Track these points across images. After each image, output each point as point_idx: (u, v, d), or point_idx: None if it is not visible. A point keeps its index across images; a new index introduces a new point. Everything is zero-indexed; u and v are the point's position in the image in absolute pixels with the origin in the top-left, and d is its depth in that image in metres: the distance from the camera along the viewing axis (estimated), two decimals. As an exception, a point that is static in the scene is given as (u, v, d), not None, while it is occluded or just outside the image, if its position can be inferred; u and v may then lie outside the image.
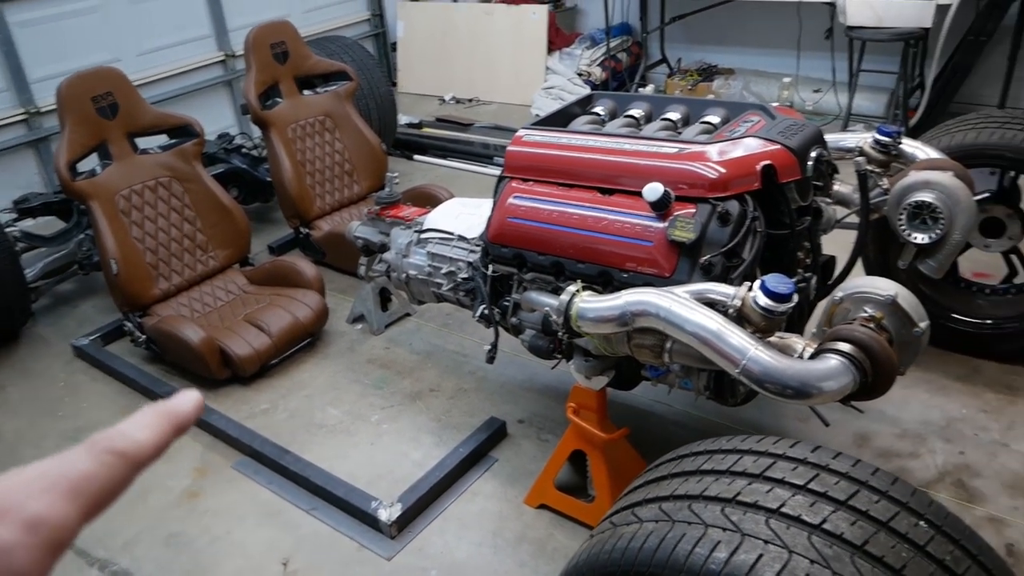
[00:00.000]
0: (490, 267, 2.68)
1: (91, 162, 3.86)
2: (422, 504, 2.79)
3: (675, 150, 2.29)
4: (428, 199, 4.31)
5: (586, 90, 6.87)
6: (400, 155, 6.12)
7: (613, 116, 2.90)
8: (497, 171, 5.61)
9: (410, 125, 6.57)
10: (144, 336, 3.70)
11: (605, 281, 2.33)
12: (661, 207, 2.19)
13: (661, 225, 2.20)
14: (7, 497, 0.42)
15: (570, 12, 7.88)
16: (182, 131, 4.08)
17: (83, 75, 3.73)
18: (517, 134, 2.64)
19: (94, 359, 3.87)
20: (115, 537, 2.85)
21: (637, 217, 2.26)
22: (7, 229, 3.98)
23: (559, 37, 7.43)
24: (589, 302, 2.15)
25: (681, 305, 1.93)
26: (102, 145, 3.80)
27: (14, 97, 5.45)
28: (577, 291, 2.21)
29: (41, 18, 5.50)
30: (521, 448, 3.07)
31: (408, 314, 3.98)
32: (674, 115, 2.73)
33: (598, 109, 2.93)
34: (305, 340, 3.75)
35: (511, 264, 2.59)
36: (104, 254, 3.65)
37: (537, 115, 6.86)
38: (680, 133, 2.62)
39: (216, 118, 6.57)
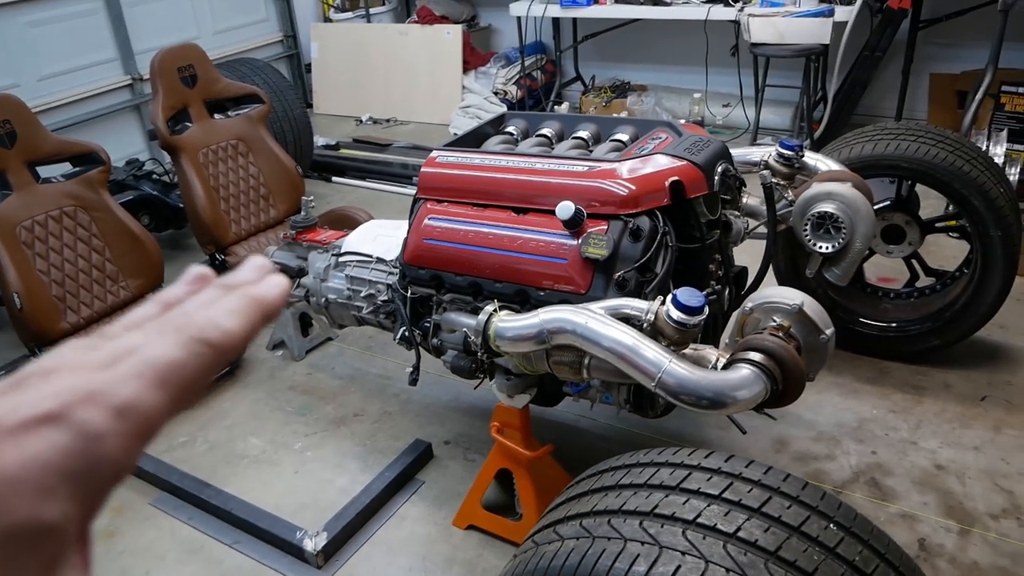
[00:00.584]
0: (408, 289, 2.67)
1: (-11, 193, 3.70)
2: (349, 531, 2.75)
3: (586, 168, 2.33)
4: (346, 222, 4.27)
5: (502, 108, 6.94)
6: (318, 177, 6.05)
7: (526, 136, 2.94)
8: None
9: (327, 147, 6.51)
10: (51, 372, 3.55)
11: (522, 300, 2.35)
12: (574, 225, 2.22)
13: (575, 243, 2.23)
14: (95, 379, 0.40)
15: (484, 31, 7.97)
16: (86, 159, 3.94)
17: (-22, 102, 3.58)
18: (430, 155, 2.65)
19: (-2, 398, 3.69)
20: (24, 585, 2.72)
21: (551, 235, 2.29)
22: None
23: (474, 56, 7.49)
24: (506, 321, 2.17)
25: (597, 321, 1.96)
26: (1, 175, 3.64)
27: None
28: (494, 311, 2.22)
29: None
30: (448, 469, 3.06)
31: (330, 338, 3.93)
32: (585, 133, 2.78)
33: (511, 129, 2.96)
34: (224, 369, 3.66)
35: (429, 285, 2.59)
36: (6, 288, 3.50)
37: (455, 134, 6.87)
38: (591, 151, 2.67)
39: (125, 144, 6.39)
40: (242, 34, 7.44)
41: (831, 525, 1.31)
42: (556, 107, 6.87)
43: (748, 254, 2.78)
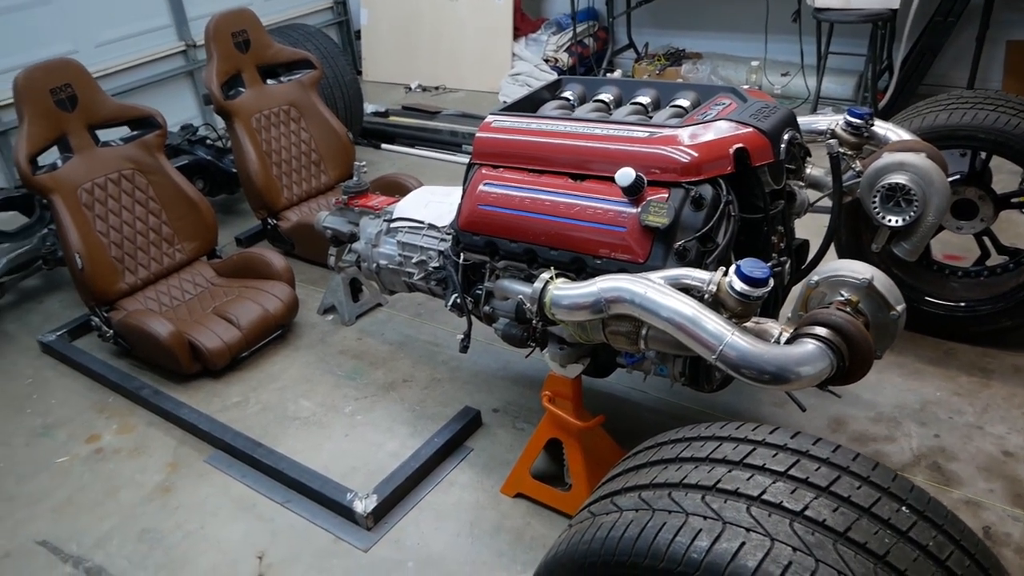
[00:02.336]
0: (461, 256, 2.65)
1: (52, 155, 3.76)
2: (398, 495, 2.77)
3: (646, 134, 2.27)
4: (396, 188, 4.26)
5: (553, 76, 6.84)
6: (367, 144, 6.04)
7: (582, 101, 2.88)
8: (466, 159, 5.60)
9: (376, 114, 6.50)
10: (111, 331, 3.63)
11: (578, 268, 2.32)
12: (634, 192, 2.17)
13: (634, 210, 2.18)
14: None
15: (537, -3, 7.84)
16: (144, 123, 3.99)
17: (40, 67, 3.63)
18: (485, 120, 2.61)
19: (61, 355, 3.79)
20: (88, 534, 2.80)
21: (609, 203, 2.24)
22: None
23: (525, 23, 7.38)
24: (563, 289, 2.14)
25: (656, 291, 1.92)
26: (62, 138, 3.70)
27: (-31, 89, 5.30)
28: (550, 278, 2.19)
29: (-3, 8, 5.35)
30: (496, 437, 3.05)
31: (379, 304, 3.93)
32: (644, 99, 2.71)
33: (567, 94, 2.90)
34: (276, 332, 3.69)
35: (483, 252, 2.57)
36: (68, 249, 3.57)
37: (505, 102, 6.80)
38: (651, 117, 2.61)
39: (179, 109, 6.44)
40: (294, 0, 7.44)
41: (903, 508, 1.26)
42: (608, 75, 6.74)
43: (806, 227, 2.70)
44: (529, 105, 2.80)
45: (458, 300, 2.74)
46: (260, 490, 2.90)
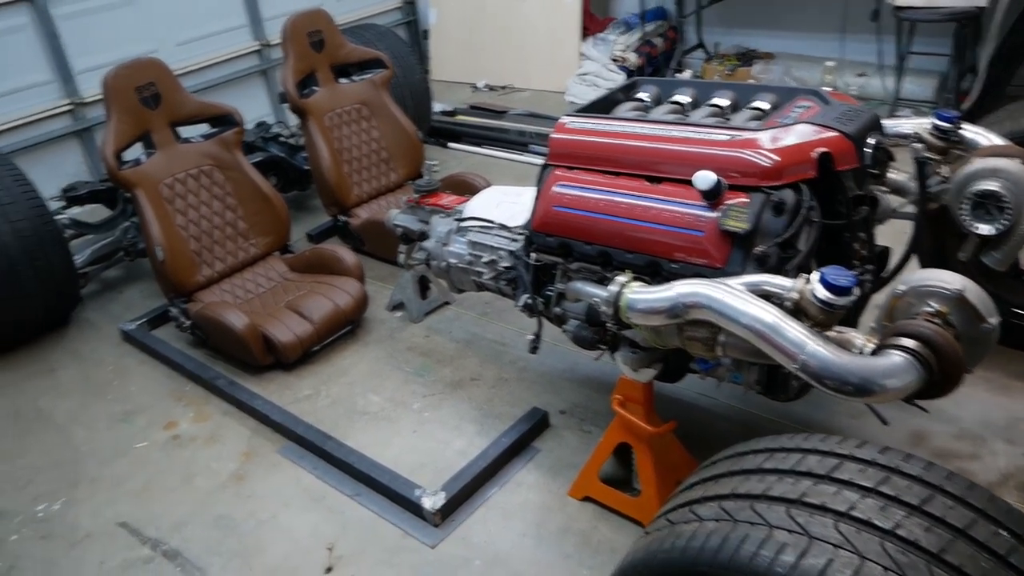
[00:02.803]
0: (533, 256, 2.66)
1: (136, 151, 3.89)
2: (465, 493, 2.79)
3: (726, 137, 2.24)
4: (465, 187, 4.29)
5: (621, 76, 6.79)
6: (434, 143, 6.10)
7: (658, 103, 2.85)
8: (533, 159, 5.62)
9: (444, 112, 6.54)
10: (189, 322, 3.74)
11: (654, 271, 2.30)
12: (713, 196, 2.15)
13: (712, 215, 2.15)
14: None
15: (605, -4, 7.79)
16: (223, 120, 4.10)
17: (127, 66, 3.76)
18: (560, 121, 2.60)
19: (141, 343, 3.92)
20: (165, 518, 2.90)
21: (687, 206, 2.22)
22: (56, 217, 4.01)
23: (593, 22, 7.34)
24: (639, 293, 2.12)
25: (736, 297, 1.89)
26: (146, 135, 3.83)
27: (60, 88, 5.52)
28: (626, 282, 2.18)
29: (84, 10, 5.55)
30: (564, 439, 3.05)
31: (447, 302, 3.97)
32: (722, 101, 2.68)
33: (642, 95, 2.88)
34: (346, 327, 3.76)
35: (556, 253, 2.57)
36: (150, 241, 3.69)
37: (572, 102, 6.81)
38: (729, 120, 2.57)
39: (252, 107, 6.59)
40: (364, 0, 7.54)
41: (1002, 531, 1.22)
42: (677, 75, 6.67)
43: (885, 234, 2.62)
44: (604, 106, 2.78)
45: (529, 301, 2.75)
46: (330, 482, 2.96)
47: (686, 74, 6.62)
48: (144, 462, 3.20)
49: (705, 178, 2.12)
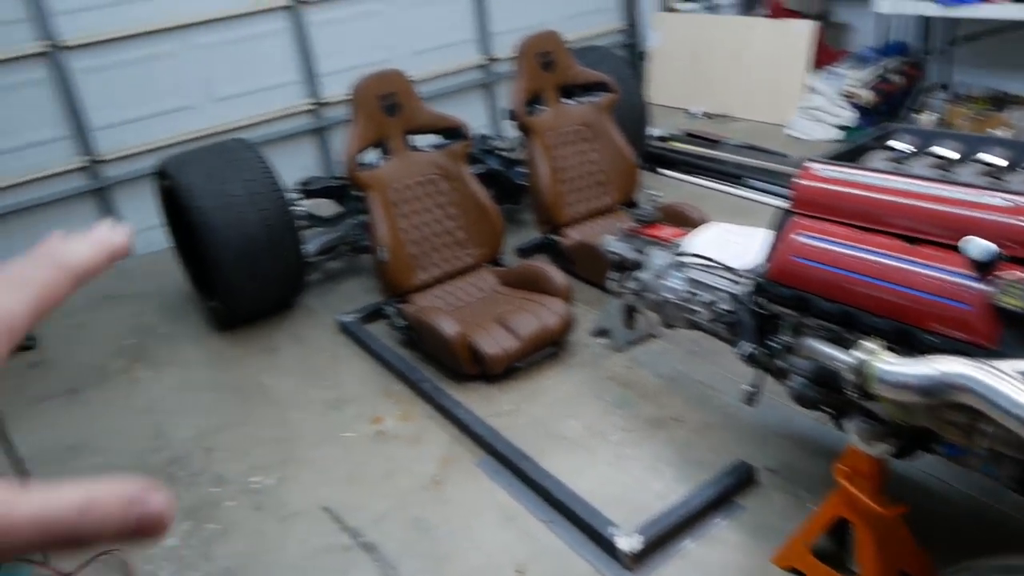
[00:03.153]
0: (761, 304, 2.55)
1: (370, 154, 4.13)
2: (662, 539, 2.71)
3: (1004, 202, 2.04)
4: (680, 219, 4.21)
5: (850, 113, 6.45)
6: (645, 168, 6.04)
7: (916, 154, 2.66)
8: (748, 193, 5.44)
9: (658, 138, 6.47)
10: (403, 322, 3.91)
11: (904, 340, 2.13)
12: (985, 267, 1.95)
13: (982, 287, 1.96)
14: None
15: (838, 28, 7.43)
16: (453, 132, 4.26)
17: (375, 76, 4.01)
18: (807, 166, 2.48)
19: (355, 336, 4.15)
20: (366, 510, 3.03)
21: (951, 274, 2.04)
22: (292, 208, 4.34)
23: (824, 54, 7.01)
24: (892, 365, 1.97)
25: (1013, 387, 1.71)
26: (383, 141, 4.05)
27: (305, 89, 5.98)
28: (876, 350, 2.03)
29: (334, 19, 5.99)
30: (771, 500, 2.90)
31: (654, 335, 3.90)
32: (995, 158, 2.44)
33: (898, 145, 2.69)
34: (550, 347, 3.79)
35: (789, 306, 2.44)
36: (375, 241, 3.90)
37: (793, 136, 6.54)
38: (1005, 181, 2.35)
39: (472, 119, 6.76)
40: (587, 21, 7.61)
41: None
42: (915, 116, 6.24)
43: None
44: (853, 154, 2.63)
45: (751, 350, 2.64)
46: (524, 503, 2.98)
47: (927, 116, 6.17)
48: (350, 452, 3.37)
49: (979, 246, 1.94)
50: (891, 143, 2.71)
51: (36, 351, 4.39)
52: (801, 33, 6.77)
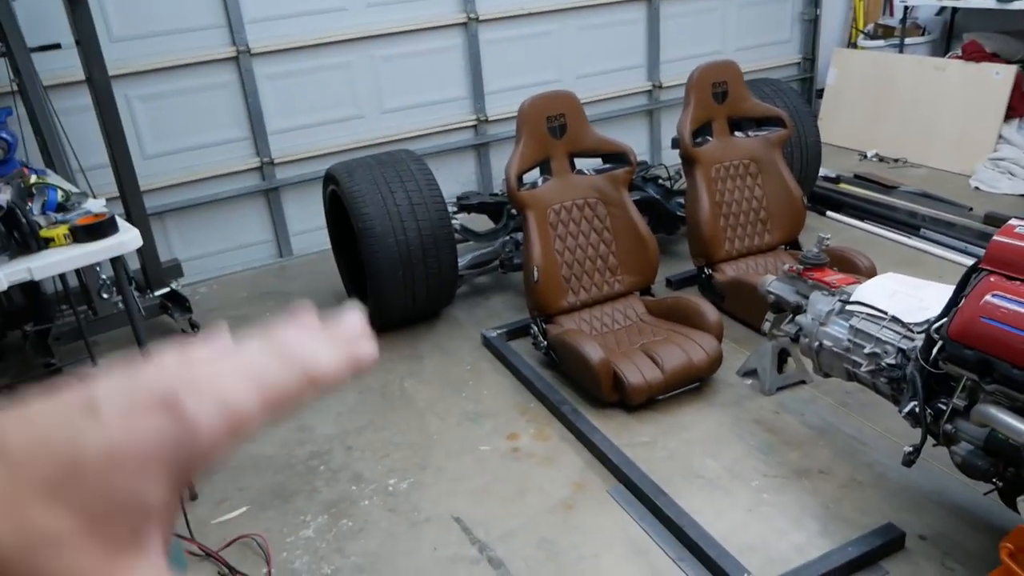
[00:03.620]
0: (935, 363, 2.38)
1: (532, 174, 4.19)
2: (798, 594, 2.58)
3: None
4: (846, 264, 4.01)
5: (1044, 166, 5.95)
6: (812, 208, 5.80)
7: None
8: (922, 244, 5.11)
9: (826, 178, 6.21)
10: (546, 342, 3.92)
11: (1099, 418, 1.93)
12: None
13: None
14: (206, 376, 0.44)
15: (1040, 75, 6.87)
16: (616, 157, 4.24)
17: (544, 96, 4.06)
18: (1010, 224, 2.30)
19: (498, 351, 4.20)
20: (495, 524, 3.04)
21: None
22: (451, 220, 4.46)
23: (1022, 103, 6.50)
24: (1083, 443, 1.79)
25: None
26: (546, 161, 4.10)
27: (472, 105, 6.16)
28: (1068, 426, 1.85)
29: (506, 38, 6.14)
30: (919, 568, 2.69)
31: (805, 382, 3.72)
32: None
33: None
34: (694, 383, 3.68)
35: (970, 368, 2.27)
36: (528, 260, 3.93)
37: (977, 188, 6.08)
38: None
39: (632, 145, 6.73)
40: (763, 52, 7.44)
41: None
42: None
43: None
44: (1058, 211, 2.42)
45: (916, 409, 2.47)
46: (655, 538, 2.90)
47: None
48: (484, 465, 3.40)
49: None
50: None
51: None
52: (1000, 78, 6.32)
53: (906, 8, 7.34)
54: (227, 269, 5.68)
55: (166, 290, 4.73)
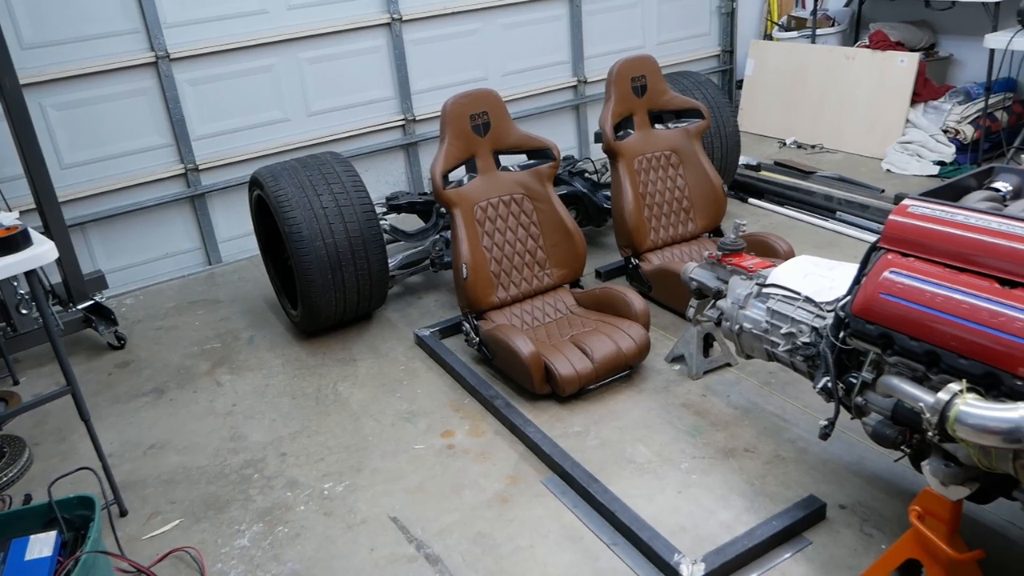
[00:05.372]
0: (844, 339, 2.49)
1: (459, 172, 4.21)
2: (726, 570, 2.66)
3: (1107, 247, 1.95)
4: (765, 249, 4.15)
5: (950, 149, 6.23)
6: (734, 196, 5.97)
7: (1017, 196, 2.56)
8: (838, 227, 5.31)
9: (747, 166, 6.39)
10: (478, 338, 3.96)
11: (990, 384, 2.04)
12: (1083, 313, 1.87)
13: (1079, 333, 1.88)
14: None
15: (943, 62, 7.19)
16: (540, 153, 4.30)
17: (467, 95, 4.08)
18: (903, 203, 2.41)
19: (431, 350, 4.22)
20: (432, 522, 3.07)
21: (1046, 319, 1.96)
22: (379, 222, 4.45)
23: (926, 88, 6.79)
24: (975, 407, 1.90)
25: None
26: (471, 159, 4.13)
27: (398, 105, 6.15)
28: (960, 391, 1.96)
29: (430, 38, 6.15)
30: (840, 537, 2.81)
31: (730, 364, 3.84)
32: (1102, 202, 2.34)
33: (999, 185, 2.60)
34: (624, 371, 3.77)
35: (873, 342, 2.38)
36: (457, 258, 3.96)
37: (888, 170, 6.34)
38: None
39: (559, 140, 6.84)
40: (684, 46, 7.61)
41: None
42: (1021, 155, 5.97)
43: None
44: (951, 193, 2.55)
45: (829, 384, 2.58)
46: (590, 525, 2.97)
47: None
48: (420, 464, 3.42)
49: (1078, 291, 1.86)
50: (995, 183, 2.63)
51: (125, 350, 4.62)
52: (905, 66, 6.59)
53: (816, 0, 7.59)
54: (154, 279, 5.57)
55: (89, 303, 4.61)
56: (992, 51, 5.88)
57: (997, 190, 2.56)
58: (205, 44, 5.37)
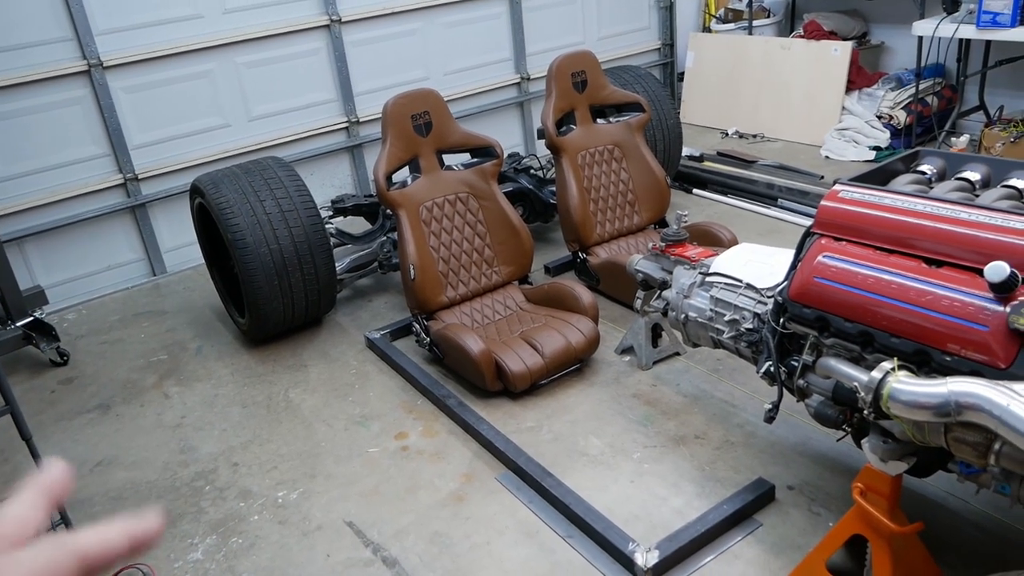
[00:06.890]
0: (783, 324, 2.55)
1: (403, 173, 4.20)
2: (680, 555, 2.71)
3: (1024, 225, 2.02)
4: (709, 238, 4.22)
5: (884, 134, 6.40)
6: (678, 187, 6.05)
7: (942, 178, 2.65)
8: (780, 214, 5.42)
9: (691, 157, 6.48)
10: (429, 339, 3.95)
11: (921, 361, 2.12)
12: (1004, 290, 1.94)
13: (1000, 309, 1.95)
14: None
15: (875, 50, 7.37)
16: (484, 151, 4.31)
17: (407, 95, 4.08)
18: (833, 189, 2.48)
19: (382, 352, 4.21)
20: (388, 524, 3.06)
21: (970, 296, 2.03)
22: (325, 225, 4.42)
23: (860, 76, 6.96)
24: (906, 384, 1.96)
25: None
26: (414, 159, 4.12)
27: (341, 107, 6.10)
28: (892, 369, 2.03)
29: (371, 38, 6.11)
30: (789, 517, 2.88)
31: (678, 353, 3.90)
32: (1021, 183, 2.42)
33: (924, 168, 2.68)
34: (574, 365, 3.80)
35: (810, 325, 2.44)
36: (404, 259, 3.95)
37: (827, 157, 6.49)
38: (1030, 204, 2.32)
39: (504, 137, 6.87)
40: (624, 40, 7.68)
41: None
42: (952, 139, 6.16)
43: None
44: (880, 177, 2.62)
45: (771, 368, 2.64)
46: (545, 519, 2.99)
47: (962, 139, 6.09)
48: (374, 467, 3.41)
49: (998, 269, 1.92)
50: (921, 166, 2.71)
51: (69, 367, 4.51)
52: (838, 55, 6.74)
53: (752, -9, 7.73)
54: (97, 292, 5.44)
55: (29, 319, 4.50)
56: (920, 38, 6.05)
57: (923, 173, 2.64)
58: (139, 51, 5.26)
